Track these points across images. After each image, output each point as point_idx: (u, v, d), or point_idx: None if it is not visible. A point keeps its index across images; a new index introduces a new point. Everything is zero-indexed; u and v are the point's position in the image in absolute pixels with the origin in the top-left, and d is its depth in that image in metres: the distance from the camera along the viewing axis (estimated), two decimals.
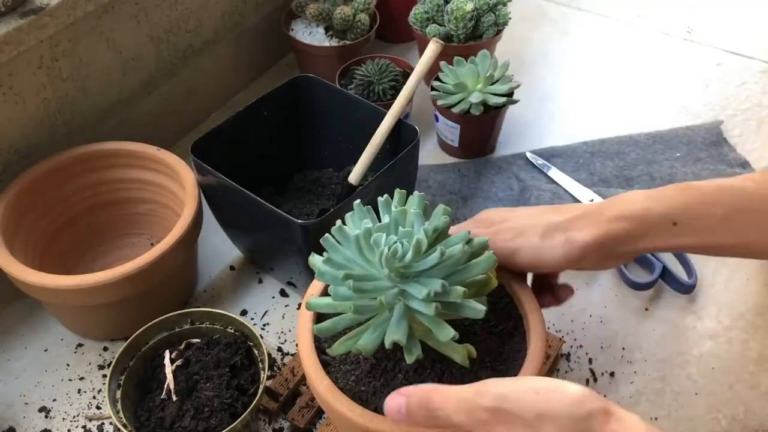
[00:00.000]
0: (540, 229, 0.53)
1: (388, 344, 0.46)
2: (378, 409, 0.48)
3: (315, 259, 0.50)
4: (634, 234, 0.51)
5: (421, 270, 0.47)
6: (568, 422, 0.37)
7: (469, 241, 0.48)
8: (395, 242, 0.46)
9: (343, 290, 0.47)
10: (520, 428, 0.38)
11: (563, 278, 0.60)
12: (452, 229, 0.56)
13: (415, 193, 0.50)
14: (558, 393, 0.38)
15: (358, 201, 0.50)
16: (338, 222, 0.49)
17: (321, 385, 0.50)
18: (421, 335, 0.48)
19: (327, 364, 0.52)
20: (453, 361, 0.49)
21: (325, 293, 0.55)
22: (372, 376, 0.51)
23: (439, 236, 0.48)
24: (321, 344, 0.53)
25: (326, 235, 0.49)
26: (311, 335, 0.53)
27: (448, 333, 0.46)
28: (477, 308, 0.46)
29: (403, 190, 0.50)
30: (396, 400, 0.42)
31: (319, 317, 0.54)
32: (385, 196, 0.50)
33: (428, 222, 0.48)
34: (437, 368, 0.50)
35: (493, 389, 0.39)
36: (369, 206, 0.50)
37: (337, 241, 0.49)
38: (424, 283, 0.46)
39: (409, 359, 0.47)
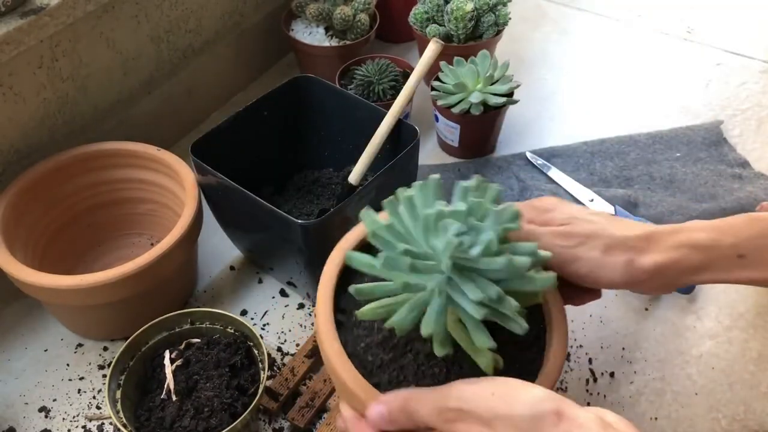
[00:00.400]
0: (603, 242, 0.50)
1: (425, 333, 0.44)
2: (380, 385, 0.47)
3: (370, 215, 0.47)
4: (700, 265, 0.49)
5: (481, 269, 0.45)
6: (519, 422, 0.40)
7: (534, 254, 0.46)
8: (464, 233, 0.44)
9: (399, 262, 0.44)
10: (477, 426, 0.41)
11: None
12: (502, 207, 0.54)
13: (494, 184, 0.48)
14: (514, 395, 0.41)
15: (438, 176, 0.48)
16: (403, 192, 0.47)
17: (331, 348, 0.48)
18: (451, 327, 0.46)
19: (340, 324, 0.50)
20: (466, 359, 0.48)
21: (362, 248, 0.52)
22: (382, 348, 0.49)
23: (505, 239, 0.46)
24: (339, 301, 0.51)
25: (391, 198, 0.47)
26: (332, 288, 0.50)
27: (486, 342, 0.44)
28: (522, 326, 0.44)
29: (483, 178, 0.48)
30: (377, 408, 0.45)
31: (344, 275, 0.52)
32: (461, 182, 0.47)
33: (499, 222, 0.46)
34: (448, 360, 0.48)
35: (456, 392, 0.43)
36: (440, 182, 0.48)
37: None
38: (482, 286, 0.44)
39: (440, 352, 0.45)
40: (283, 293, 0.77)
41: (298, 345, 0.72)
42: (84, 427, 0.66)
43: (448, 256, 0.44)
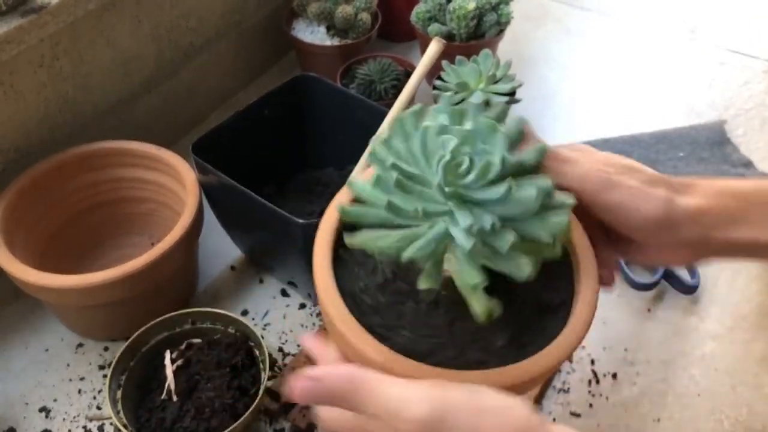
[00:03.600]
0: (645, 175, 0.47)
1: (406, 256, 0.39)
2: (372, 327, 0.42)
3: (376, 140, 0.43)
4: (738, 215, 0.45)
5: (478, 199, 0.39)
6: None
7: (547, 190, 0.40)
8: (464, 155, 0.39)
9: (388, 180, 0.40)
10: None
11: None
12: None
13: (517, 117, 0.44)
14: (504, 414, 0.36)
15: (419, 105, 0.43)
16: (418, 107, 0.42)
17: (323, 281, 0.44)
18: (448, 266, 0.41)
19: (340, 261, 0.46)
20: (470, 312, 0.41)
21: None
22: (381, 291, 0.44)
23: (521, 173, 0.41)
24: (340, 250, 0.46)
25: (402, 115, 0.42)
26: (333, 228, 0.46)
27: (475, 277, 0.38)
28: (521, 267, 0.39)
29: (504, 101, 0.44)
30: (305, 383, 0.39)
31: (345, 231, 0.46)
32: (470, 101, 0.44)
33: (506, 142, 0.40)
34: (451, 312, 0.44)
35: (428, 395, 0.36)
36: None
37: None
38: (475, 213, 0.38)
39: (423, 284, 0.40)
40: (284, 293, 0.77)
41: (299, 345, 0.72)
42: (84, 427, 0.66)
43: (442, 178, 0.39)
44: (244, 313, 0.75)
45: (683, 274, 0.75)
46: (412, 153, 0.41)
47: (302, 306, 0.76)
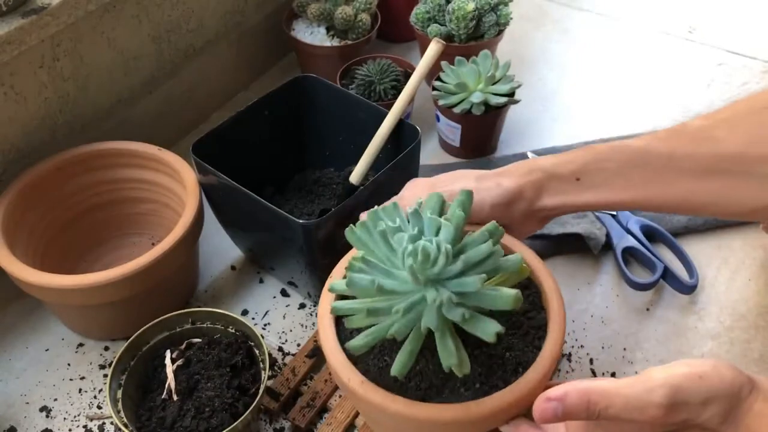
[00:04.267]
0: (472, 176, 0.58)
1: (397, 373, 0.47)
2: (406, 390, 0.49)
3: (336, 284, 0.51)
4: (546, 187, 0.56)
5: (447, 277, 0.46)
6: (726, 400, 0.42)
7: (492, 235, 0.48)
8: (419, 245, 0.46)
9: (367, 291, 0.47)
10: (687, 415, 0.42)
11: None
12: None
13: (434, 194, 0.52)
14: (718, 376, 0.42)
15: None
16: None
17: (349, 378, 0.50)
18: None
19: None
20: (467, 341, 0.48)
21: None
22: (389, 351, 0.51)
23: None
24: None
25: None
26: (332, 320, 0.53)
27: (492, 329, 0.45)
28: (506, 295, 0.46)
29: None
30: (549, 405, 0.43)
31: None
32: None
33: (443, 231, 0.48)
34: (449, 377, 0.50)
35: (662, 382, 0.42)
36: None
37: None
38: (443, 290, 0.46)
39: (395, 371, 0.47)
40: (284, 293, 0.77)
41: (299, 345, 0.72)
42: (85, 426, 0.66)
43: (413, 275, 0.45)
44: (244, 312, 0.75)
45: (682, 273, 0.75)
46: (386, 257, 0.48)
47: (302, 306, 0.76)
